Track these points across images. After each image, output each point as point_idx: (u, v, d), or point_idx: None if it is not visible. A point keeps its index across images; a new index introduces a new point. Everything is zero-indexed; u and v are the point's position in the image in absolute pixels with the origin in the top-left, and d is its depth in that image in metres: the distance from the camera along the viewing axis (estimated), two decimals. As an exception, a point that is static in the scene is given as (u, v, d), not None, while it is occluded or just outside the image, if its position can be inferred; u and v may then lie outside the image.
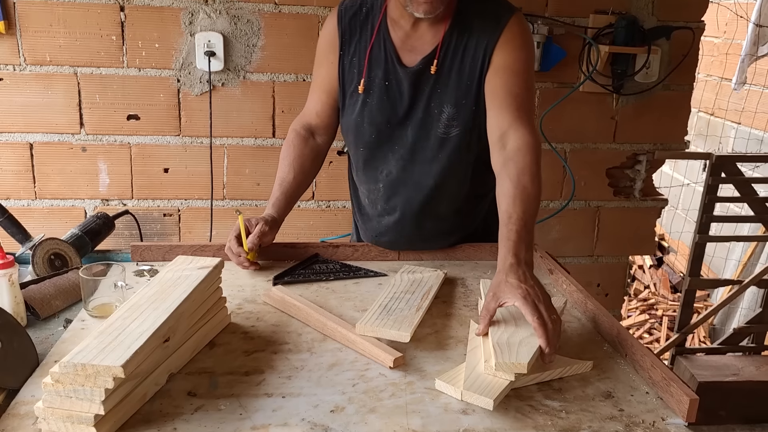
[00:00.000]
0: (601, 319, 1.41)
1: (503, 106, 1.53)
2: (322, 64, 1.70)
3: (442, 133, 1.60)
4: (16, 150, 2.35)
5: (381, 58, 1.60)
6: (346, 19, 1.64)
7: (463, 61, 1.57)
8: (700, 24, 2.56)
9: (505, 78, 1.54)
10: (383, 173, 1.68)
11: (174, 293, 1.18)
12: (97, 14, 2.26)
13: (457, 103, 1.58)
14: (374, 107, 1.62)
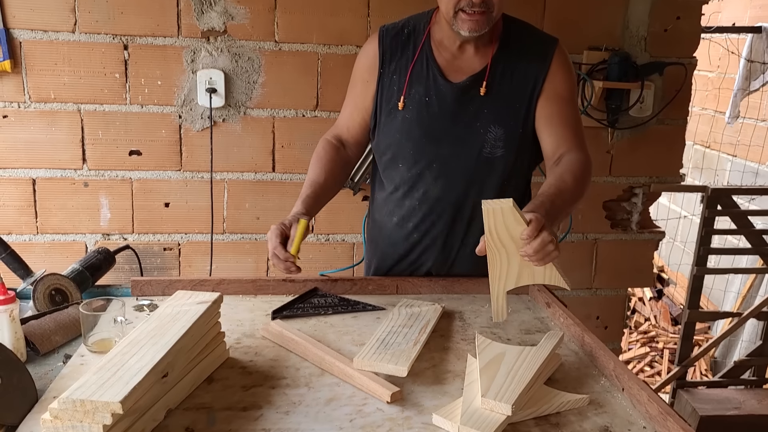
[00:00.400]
0: (598, 353, 1.41)
1: (560, 133, 1.62)
2: (358, 82, 1.74)
3: (488, 153, 1.64)
4: (19, 185, 2.38)
5: (422, 75, 1.65)
6: (388, 40, 1.69)
7: (512, 84, 1.63)
8: (692, 60, 2.61)
9: (559, 105, 1.63)
10: (420, 191, 1.70)
11: (173, 328, 1.19)
12: (101, 53, 2.31)
13: (504, 124, 1.63)
14: (413, 122, 1.65)
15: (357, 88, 1.74)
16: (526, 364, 1.27)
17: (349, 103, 1.78)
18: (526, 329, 1.58)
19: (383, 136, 1.71)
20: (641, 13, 2.52)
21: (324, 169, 1.71)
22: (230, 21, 2.35)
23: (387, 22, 2.37)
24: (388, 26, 1.72)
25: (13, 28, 2.25)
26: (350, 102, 1.77)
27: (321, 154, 1.75)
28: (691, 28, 2.58)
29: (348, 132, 1.79)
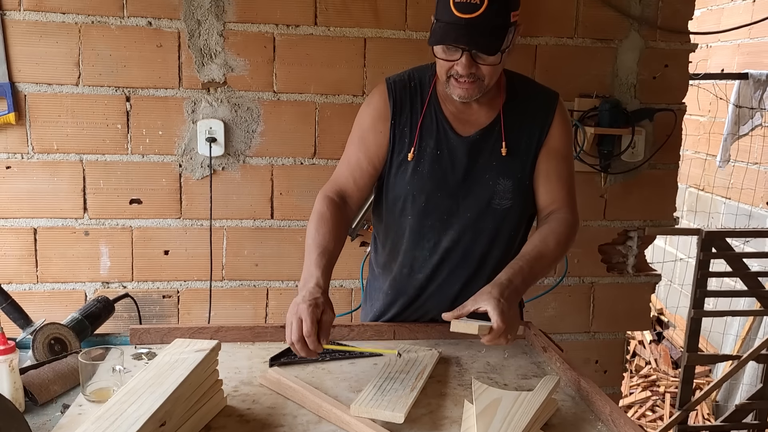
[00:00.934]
0: (595, 398, 1.42)
1: (554, 189, 1.70)
2: (369, 132, 1.71)
3: (496, 204, 1.68)
4: (20, 235, 2.41)
5: (433, 128, 1.68)
6: (397, 91, 1.70)
7: (519, 138, 1.68)
8: (682, 106, 2.67)
9: (556, 162, 1.70)
10: (431, 242, 1.72)
11: (171, 377, 1.20)
12: (104, 105, 2.36)
13: (513, 177, 1.68)
14: (425, 175, 1.67)
15: (368, 139, 1.71)
16: (522, 409, 1.28)
17: (357, 153, 1.73)
18: (523, 374, 1.58)
19: (393, 188, 1.72)
20: (630, 61, 2.59)
21: (333, 235, 1.62)
22: (230, 73, 2.41)
23: (382, 73, 2.45)
24: (394, 78, 1.74)
25: (18, 81, 2.31)
26: (358, 152, 1.73)
27: (327, 215, 1.65)
28: (680, 76, 2.65)
29: (355, 184, 1.73)
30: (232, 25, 2.38)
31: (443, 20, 1.51)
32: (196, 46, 2.37)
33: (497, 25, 1.50)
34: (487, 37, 1.50)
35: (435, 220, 1.71)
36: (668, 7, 2.57)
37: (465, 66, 1.52)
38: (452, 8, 1.48)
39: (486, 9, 1.47)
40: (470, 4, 1.47)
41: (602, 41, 2.57)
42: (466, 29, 1.48)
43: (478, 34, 1.49)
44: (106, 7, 2.31)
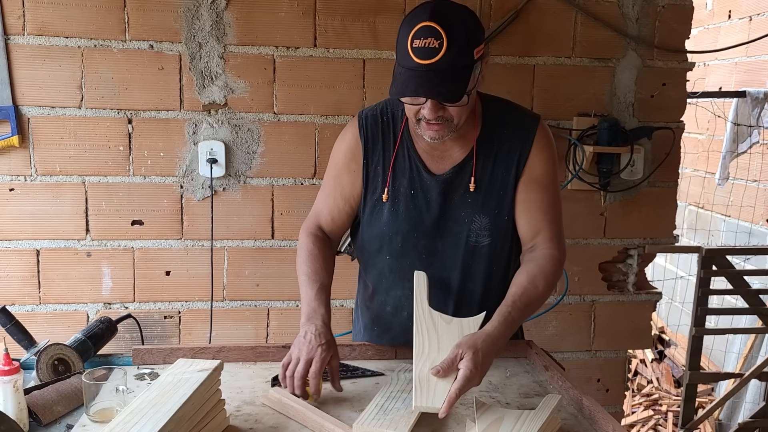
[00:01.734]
0: (597, 416, 1.42)
1: (535, 222, 1.63)
2: (343, 171, 1.69)
3: (474, 242, 1.63)
4: (23, 257, 2.42)
5: (405, 166, 1.63)
6: (368, 128, 1.66)
7: (494, 172, 1.61)
8: (680, 124, 2.69)
9: (536, 192, 1.63)
10: (411, 281, 1.66)
11: (174, 397, 1.21)
12: (106, 127, 2.39)
13: (489, 213, 1.62)
14: (401, 216, 1.64)
15: (343, 177, 1.70)
16: (525, 428, 1.28)
17: (333, 193, 1.72)
18: (525, 393, 1.58)
19: (369, 228, 1.69)
20: (628, 80, 2.62)
21: (324, 269, 1.66)
22: (230, 94, 2.43)
23: (381, 94, 2.48)
24: (366, 113, 1.69)
25: (22, 104, 2.33)
26: (334, 191, 1.72)
27: (315, 252, 1.68)
28: (678, 94, 2.67)
29: (333, 222, 1.74)
30: (233, 48, 2.41)
31: (403, 65, 1.45)
32: (197, 69, 2.40)
33: (460, 66, 1.43)
34: (450, 83, 1.43)
35: (414, 259, 1.67)
36: (665, 26, 2.60)
37: (431, 111, 1.47)
38: (411, 54, 1.42)
39: (446, 53, 1.40)
40: (428, 50, 1.40)
41: (600, 60, 2.59)
42: (426, 77, 1.41)
43: (438, 82, 1.42)
44: (109, 31, 2.34)
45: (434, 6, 1.44)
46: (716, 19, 4.80)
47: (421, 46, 1.40)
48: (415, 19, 1.43)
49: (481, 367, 1.37)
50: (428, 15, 1.41)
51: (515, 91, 2.55)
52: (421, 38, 1.40)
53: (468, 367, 1.35)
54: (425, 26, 1.41)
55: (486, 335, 1.43)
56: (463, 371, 1.35)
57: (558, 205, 1.67)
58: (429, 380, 1.36)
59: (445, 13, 1.43)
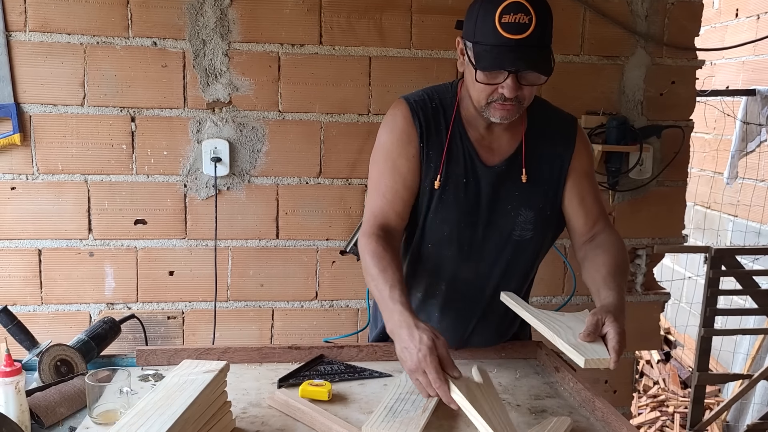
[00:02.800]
0: (610, 418, 1.39)
1: (592, 211, 1.67)
2: (400, 157, 1.61)
3: (517, 236, 1.63)
4: (25, 256, 2.39)
5: (459, 154, 1.61)
6: (420, 111, 1.61)
7: (542, 167, 1.63)
8: (689, 122, 2.66)
9: (587, 184, 1.67)
10: (448, 272, 1.67)
11: (179, 399, 1.18)
12: (108, 125, 2.36)
13: (535, 207, 1.63)
14: (450, 204, 1.61)
15: (401, 164, 1.61)
16: None
17: (392, 185, 1.62)
18: (536, 394, 1.56)
19: (415, 214, 1.65)
20: (637, 78, 2.59)
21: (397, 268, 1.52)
22: (235, 92, 2.41)
23: (387, 92, 2.45)
24: (415, 98, 1.64)
25: (23, 102, 2.31)
26: (394, 182, 1.62)
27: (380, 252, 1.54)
28: (687, 92, 2.64)
29: (397, 215, 1.63)
30: (237, 45, 2.38)
31: (489, 43, 1.42)
32: (201, 66, 2.37)
33: (546, 43, 1.45)
34: (543, 57, 1.44)
35: (455, 250, 1.65)
36: (674, 23, 2.57)
37: (512, 89, 1.45)
38: (499, 30, 1.40)
39: (535, 28, 1.40)
40: (519, 25, 1.40)
41: (608, 58, 2.56)
42: (518, 51, 1.41)
43: (535, 55, 1.42)
44: (111, 28, 2.31)
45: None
46: (723, 18, 4.77)
47: (511, 21, 1.40)
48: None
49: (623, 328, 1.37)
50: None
51: (523, 89, 2.53)
52: (511, 14, 1.40)
53: (615, 324, 1.35)
54: (514, 2, 1.40)
55: (612, 305, 1.43)
56: (613, 328, 1.34)
57: (602, 197, 1.74)
58: (581, 344, 1.33)
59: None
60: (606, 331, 1.35)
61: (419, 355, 1.32)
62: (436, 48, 2.47)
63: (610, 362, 1.29)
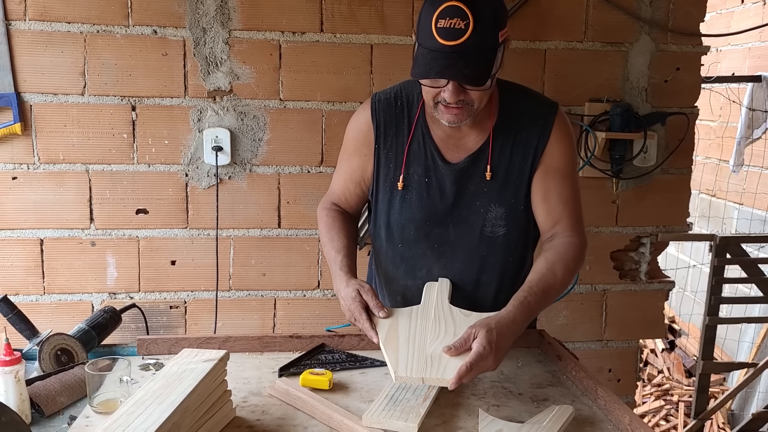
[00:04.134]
0: (613, 407, 1.38)
1: (555, 211, 1.57)
2: (354, 155, 1.67)
3: (489, 232, 1.58)
4: (27, 246, 2.39)
5: (420, 153, 1.58)
6: (381, 112, 1.61)
7: (512, 161, 1.56)
8: (694, 109, 2.64)
9: (555, 181, 1.57)
10: (422, 270, 1.65)
11: (179, 387, 1.18)
12: (109, 114, 2.35)
13: (506, 203, 1.57)
14: (414, 204, 1.59)
15: (353, 161, 1.68)
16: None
17: (344, 174, 1.71)
18: (538, 383, 1.55)
19: (382, 215, 1.65)
20: (641, 65, 2.56)
21: (346, 235, 1.66)
22: (236, 81, 2.39)
23: (389, 80, 2.43)
24: (380, 95, 1.64)
25: (23, 92, 2.30)
26: (345, 173, 1.71)
27: (330, 222, 1.69)
28: (692, 79, 2.62)
29: (345, 202, 1.74)
30: (238, 33, 2.37)
31: (426, 46, 1.39)
32: (201, 55, 2.36)
33: (485, 49, 1.38)
34: (475, 66, 1.38)
35: (426, 248, 1.63)
36: (679, 9, 2.54)
37: (452, 94, 1.41)
38: (435, 35, 1.36)
39: (471, 34, 1.34)
40: (454, 30, 1.34)
41: (612, 45, 2.54)
42: (451, 59, 1.36)
43: (464, 64, 1.36)
44: (111, 16, 2.30)
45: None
46: (729, 4, 4.72)
47: (446, 26, 1.35)
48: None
49: (496, 347, 1.33)
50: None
51: (526, 77, 2.49)
52: (446, 18, 1.35)
53: (481, 343, 1.32)
54: (451, 6, 1.35)
55: (500, 317, 1.40)
56: (476, 347, 1.32)
57: (577, 194, 1.62)
58: (441, 357, 1.33)
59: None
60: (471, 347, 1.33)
61: (348, 305, 1.49)
62: (438, 35, 2.45)
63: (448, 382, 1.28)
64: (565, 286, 1.56)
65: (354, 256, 1.65)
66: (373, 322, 1.46)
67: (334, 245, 1.63)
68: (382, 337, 1.41)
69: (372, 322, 1.45)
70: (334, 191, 1.75)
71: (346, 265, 1.58)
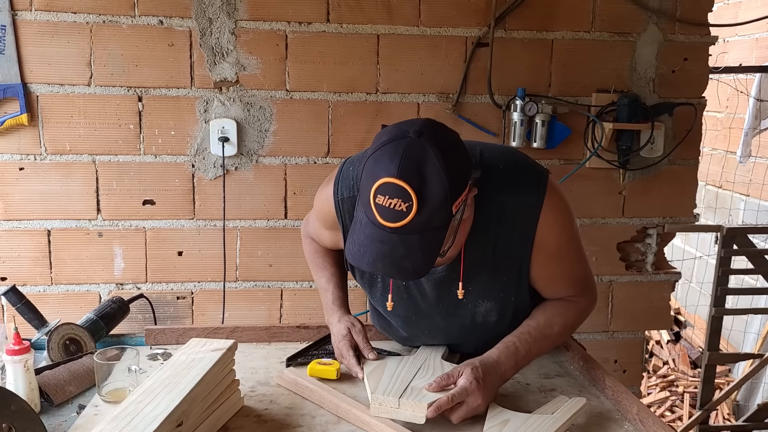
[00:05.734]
0: (621, 397, 1.38)
1: (560, 288, 1.48)
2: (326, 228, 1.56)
3: (480, 321, 1.48)
4: (34, 237, 2.40)
5: None
6: (347, 215, 1.43)
7: (495, 261, 1.39)
8: (702, 100, 2.62)
9: (554, 266, 1.43)
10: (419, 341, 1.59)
11: (187, 376, 1.18)
12: (116, 105, 2.35)
13: (494, 297, 1.44)
14: (396, 304, 1.45)
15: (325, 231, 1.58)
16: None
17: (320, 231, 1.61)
18: (545, 373, 1.55)
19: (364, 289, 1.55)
20: (648, 55, 2.55)
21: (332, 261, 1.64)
22: (242, 71, 2.39)
23: (396, 70, 2.43)
24: (343, 195, 1.43)
25: (30, 82, 2.30)
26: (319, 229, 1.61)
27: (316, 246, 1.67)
28: (699, 69, 2.60)
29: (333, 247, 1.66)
30: (244, 23, 2.36)
31: (365, 214, 1.20)
32: (207, 45, 2.35)
33: (432, 227, 1.18)
34: (417, 256, 1.19)
35: (418, 332, 1.56)
36: (687, -1, 2.53)
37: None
38: (373, 210, 1.17)
39: (415, 217, 1.15)
40: (394, 212, 1.15)
41: (620, 35, 2.52)
42: (389, 245, 1.18)
43: (404, 252, 1.18)
44: (117, 6, 2.29)
45: (405, 152, 1.16)
46: (737, -6, 4.69)
47: (385, 205, 1.15)
48: (379, 166, 1.17)
49: (483, 383, 1.28)
50: (395, 168, 1.14)
51: (532, 67, 2.50)
52: (386, 196, 1.15)
53: (468, 378, 1.28)
54: (390, 184, 1.14)
55: (483, 357, 1.36)
56: (461, 382, 1.28)
57: (581, 261, 1.49)
58: (420, 391, 1.30)
59: (418, 164, 1.15)
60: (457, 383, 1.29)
61: (336, 342, 1.50)
62: (444, 25, 2.44)
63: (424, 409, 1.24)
64: (559, 342, 1.52)
65: (345, 285, 1.64)
66: (360, 360, 1.46)
67: (324, 273, 1.62)
68: (367, 371, 1.40)
69: (359, 360, 1.45)
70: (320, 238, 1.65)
71: (338, 298, 1.58)
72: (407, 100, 2.47)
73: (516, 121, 2.45)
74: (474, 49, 2.45)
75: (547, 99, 2.50)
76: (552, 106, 2.48)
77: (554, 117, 2.50)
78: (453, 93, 2.48)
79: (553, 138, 2.52)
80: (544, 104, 2.46)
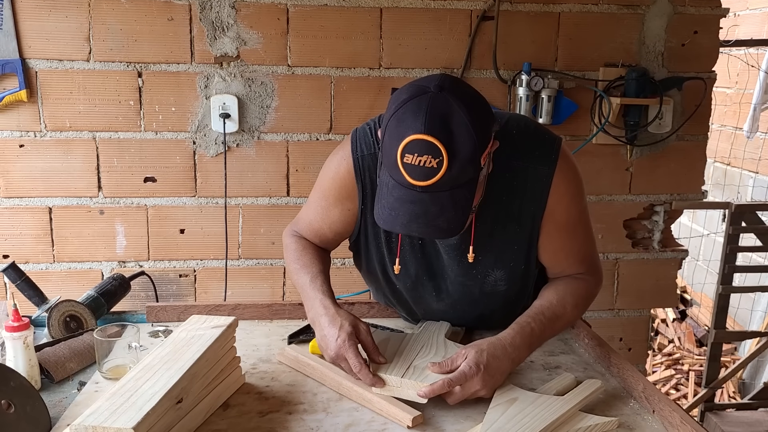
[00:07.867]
0: (626, 374, 1.37)
1: (565, 263, 1.45)
2: (333, 206, 1.46)
3: (489, 290, 1.46)
4: (36, 214, 2.38)
5: None
6: (366, 171, 1.39)
7: (506, 228, 1.38)
8: (711, 74, 2.58)
9: (563, 240, 1.42)
10: (422, 309, 1.56)
11: (187, 353, 1.17)
12: (115, 81, 2.32)
13: (505, 266, 1.42)
14: (408, 262, 1.45)
15: (333, 213, 1.47)
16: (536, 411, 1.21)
17: (321, 219, 1.50)
18: (550, 351, 1.54)
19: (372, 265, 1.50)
20: (658, 28, 2.50)
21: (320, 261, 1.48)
22: (243, 46, 2.35)
23: (399, 45, 2.39)
24: (364, 152, 1.39)
25: (28, 58, 2.27)
26: (323, 219, 1.49)
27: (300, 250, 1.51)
28: (710, 43, 2.55)
29: (320, 243, 1.55)
30: (245, -3, 2.32)
31: (392, 176, 1.18)
32: (207, 19, 2.32)
33: (463, 182, 1.17)
34: (450, 214, 1.18)
35: (424, 293, 1.51)
36: (698, -31, 2.47)
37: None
38: (401, 170, 1.14)
39: (446, 172, 1.13)
40: (424, 169, 1.13)
41: (628, 7, 2.47)
42: (421, 205, 1.16)
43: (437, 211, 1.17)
44: (116, -20, 2.26)
45: (429, 107, 1.14)
46: (748, -34, 4.60)
47: (413, 163, 1.13)
48: (404, 124, 1.14)
49: (485, 368, 1.23)
50: (422, 124, 1.12)
51: (539, 41, 2.45)
52: (415, 155, 1.13)
53: (468, 363, 1.23)
54: (418, 141, 1.12)
55: (495, 339, 1.31)
56: (462, 366, 1.24)
57: (589, 238, 1.48)
58: (423, 371, 1.27)
59: (444, 118, 1.14)
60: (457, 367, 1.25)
61: (338, 341, 1.27)
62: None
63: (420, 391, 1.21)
64: (572, 321, 1.49)
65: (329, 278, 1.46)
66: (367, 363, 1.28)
67: (309, 271, 1.44)
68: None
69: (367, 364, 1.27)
70: (306, 229, 1.55)
71: (327, 291, 1.40)
72: (411, 75, 2.44)
73: (521, 97, 2.42)
74: (479, 23, 2.41)
75: (554, 73, 2.46)
76: (558, 80, 2.44)
77: (560, 92, 2.46)
78: (457, 68, 2.44)
79: (560, 113, 2.48)
80: (550, 79, 2.42)
